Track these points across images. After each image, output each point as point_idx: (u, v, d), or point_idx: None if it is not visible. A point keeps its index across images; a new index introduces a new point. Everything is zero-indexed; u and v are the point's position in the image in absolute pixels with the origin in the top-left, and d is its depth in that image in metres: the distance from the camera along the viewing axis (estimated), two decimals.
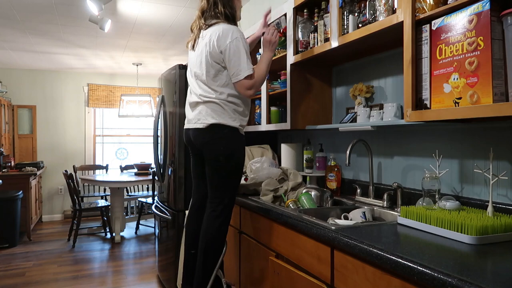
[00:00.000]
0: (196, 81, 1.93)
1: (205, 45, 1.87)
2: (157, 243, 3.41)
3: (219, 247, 1.90)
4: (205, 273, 1.88)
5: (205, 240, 1.88)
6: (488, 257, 1.03)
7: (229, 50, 1.80)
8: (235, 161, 1.88)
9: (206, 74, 1.86)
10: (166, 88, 3.10)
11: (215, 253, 1.89)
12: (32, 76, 6.10)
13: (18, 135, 5.97)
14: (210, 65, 1.85)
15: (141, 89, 6.54)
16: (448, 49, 1.28)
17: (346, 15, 1.83)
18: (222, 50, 1.81)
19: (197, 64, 1.92)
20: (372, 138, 2.08)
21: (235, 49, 1.80)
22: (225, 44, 1.81)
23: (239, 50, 1.81)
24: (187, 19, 3.69)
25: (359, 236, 1.25)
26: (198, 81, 1.92)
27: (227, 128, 1.85)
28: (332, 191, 2.17)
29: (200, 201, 2.06)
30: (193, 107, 1.96)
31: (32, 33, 4.11)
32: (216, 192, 1.89)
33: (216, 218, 1.87)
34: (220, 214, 1.88)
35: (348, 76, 2.29)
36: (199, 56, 1.91)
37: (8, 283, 3.40)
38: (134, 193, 5.85)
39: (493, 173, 1.31)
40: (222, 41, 1.81)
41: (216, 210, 1.88)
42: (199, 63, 1.90)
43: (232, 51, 1.80)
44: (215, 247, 1.89)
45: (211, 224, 1.87)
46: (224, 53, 1.81)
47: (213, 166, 1.87)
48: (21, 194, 4.66)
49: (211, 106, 1.86)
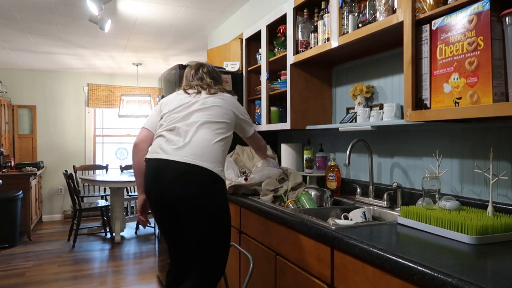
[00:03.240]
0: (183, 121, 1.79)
1: (225, 101, 1.85)
2: (157, 243, 3.41)
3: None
4: None
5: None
6: (488, 257, 1.03)
7: (241, 110, 1.94)
8: (228, 220, 1.70)
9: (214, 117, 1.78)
10: (166, 88, 3.10)
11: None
12: (32, 76, 6.10)
13: (18, 135, 5.97)
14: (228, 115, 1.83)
15: (141, 89, 6.54)
16: (448, 49, 1.28)
17: (346, 15, 1.83)
18: (238, 112, 1.89)
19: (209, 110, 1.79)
20: (372, 138, 2.08)
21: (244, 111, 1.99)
22: (237, 106, 1.92)
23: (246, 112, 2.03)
24: (187, 19, 3.69)
25: (359, 236, 1.25)
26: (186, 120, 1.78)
27: (222, 182, 1.70)
28: (332, 191, 2.17)
29: (182, 269, 1.83)
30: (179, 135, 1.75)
31: (32, 33, 4.11)
32: (205, 264, 1.66)
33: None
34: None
35: (348, 76, 2.29)
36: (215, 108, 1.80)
37: (8, 283, 3.40)
38: (134, 193, 5.85)
39: (493, 173, 1.31)
40: (235, 103, 1.91)
41: (198, 285, 1.64)
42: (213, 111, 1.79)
43: (244, 112, 1.98)
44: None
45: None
46: (238, 113, 1.90)
47: (201, 231, 1.62)
48: (21, 194, 4.66)
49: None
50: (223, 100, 1.84)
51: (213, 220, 1.61)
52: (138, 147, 1.83)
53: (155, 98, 6.29)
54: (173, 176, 1.61)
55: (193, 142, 1.66)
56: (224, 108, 1.82)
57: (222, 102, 1.83)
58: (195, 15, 3.60)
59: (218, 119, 1.77)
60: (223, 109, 1.81)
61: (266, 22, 2.55)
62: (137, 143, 1.85)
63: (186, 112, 1.77)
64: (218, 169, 1.66)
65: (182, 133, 1.70)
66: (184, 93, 1.87)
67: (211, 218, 1.61)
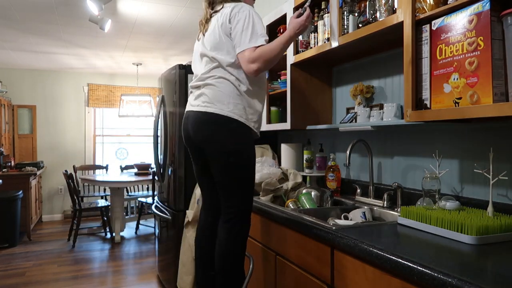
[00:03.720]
0: (202, 61, 1.75)
1: (216, 21, 1.69)
2: (157, 243, 3.41)
3: (239, 263, 1.65)
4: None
5: (221, 256, 1.63)
6: (488, 257, 1.03)
7: (238, 17, 1.61)
8: (248, 159, 1.67)
9: (225, 46, 1.65)
10: (166, 88, 3.10)
11: (236, 272, 1.63)
12: (32, 76, 6.10)
13: (18, 135, 5.97)
14: (220, 36, 1.66)
15: (141, 89, 6.54)
16: (448, 49, 1.28)
17: (346, 15, 1.83)
18: (231, 18, 1.62)
19: (207, 44, 1.72)
20: (372, 138, 2.08)
21: (244, 17, 1.61)
22: (234, 13, 1.63)
23: (249, 19, 1.60)
24: (187, 19, 3.69)
25: (359, 236, 1.25)
26: (204, 60, 1.73)
27: (235, 122, 1.63)
28: (332, 191, 2.17)
29: (212, 213, 1.82)
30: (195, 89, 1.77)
31: (32, 33, 4.11)
32: (229, 200, 1.66)
33: (231, 228, 1.63)
34: (235, 223, 1.64)
35: (348, 76, 2.29)
36: (210, 36, 1.72)
37: (8, 283, 3.40)
38: (134, 193, 5.85)
39: (493, 173, 1.31)
40: (233, 11, 1.64)
41: (231, 220, 1.64)
42: (209, 42, 1.71)
43: (242, 18, 1.61)
44: (234, 264, 1.63)
45: (228, 237, 1.63)
46: (232, 21, 1.62)
47: (220, 167, 1.64)
48: (21, 194, 4.66)
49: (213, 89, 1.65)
50: (215, 21, 1.71)
51: (232, 157, 1.62)
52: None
53: (155, 98, 6.29)
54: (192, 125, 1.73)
55: (202, 88, 1.71)
56: (215, 33, 1.68)
57: (214, 25, 1.70)
58: (195, 15, 3.60)
59: (216, 47, 1.68)
60: (215, 35, 1.68)
61: (266, 22, 2.55)
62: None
63: (196, 57, 1.82)
64: (226, 110, 1.62)
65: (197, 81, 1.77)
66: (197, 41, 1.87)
67: (229, 155, 1.63)
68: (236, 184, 1.65)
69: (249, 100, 1.67)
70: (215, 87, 1.64)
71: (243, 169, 1.66)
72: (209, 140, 1.64)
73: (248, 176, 1.68)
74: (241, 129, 1.64)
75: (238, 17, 1.62)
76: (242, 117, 1.63)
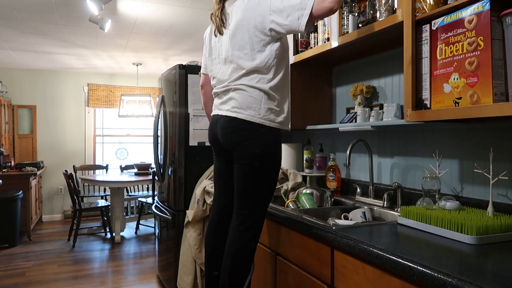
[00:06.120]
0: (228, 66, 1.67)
1: (242, 11, 1.59)
2: (157, 243, 3.41)
3: (247, 266, 1.63)
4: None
5: (231, 258, 1.61)
6: (488, 257, 1.03)
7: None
8: (273, 165, 1.64)
9: (250, 48, 1.58)
10: (166, 88, 3.10)
11: (243, 274, 1.63)
12: (32, 76, 6.10)
13: (18, 135, 5.97)
14: (250, 33, 1.57)
15: (141, 89, 6.54)
16: (448, 49, 1.28)
17: (346, 15, 1.83)
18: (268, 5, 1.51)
19: (231, 45, 1.63)
20: (372, 138, 2.08)
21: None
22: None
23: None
24: (187, 19, 3.68)
25: (359, 236, 1.25)
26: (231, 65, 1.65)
27: (264, 127, 1.60)
28: (332, 191, 2.17)
29: (225, 211, 1.79)
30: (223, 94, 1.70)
31: (32, 33, 4.11)
32: (246, 202, 1.63)
33: (245, 232, 1.61)
34: (250, 227, 1.61)
35: (348, 76, 2.29)
36: (235, 35, 1.61)
37: (8, 283, 3.40)
38: (134, 193, 5.85)
39: (493, 173, 1.31)
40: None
41: (245, 223, 1.61)
42: (235, 43, 1.62)
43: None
44: (243, 267, 1.62)
45: (239, 239, 1.61)
46: (272, 5, 1.51)
47: (245, 170, 1.61)
48: (21, 194, 4.66)
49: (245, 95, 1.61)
50: (240, 14, 1.59)
51: (257, 161, 1.59)
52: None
53: (155, 98, 6.29)
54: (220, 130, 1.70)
55: (231, 93, 1.66)
56: (244, 27, 1.58)
57: (238, 20, 1.59)
58: (195, 15, 3.60)
59: (241, 51, 1.60)
60: (243, 31, 1.58)
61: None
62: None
63: (217, 58, 1.75)
64: (257, 117, 1.59)
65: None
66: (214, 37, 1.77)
67: (254, 159, 1.59)
68: (255, 188, 1.63)
69: (278, 100, 1.63)
70: (245, 92, 1.61)
71: (266, 174, 1.63)
72: (238, 146, 1.62)
73: (269, 183, 1.65)
74: (270, 133, 1.62)
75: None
76: (273, 121, 1.62)
